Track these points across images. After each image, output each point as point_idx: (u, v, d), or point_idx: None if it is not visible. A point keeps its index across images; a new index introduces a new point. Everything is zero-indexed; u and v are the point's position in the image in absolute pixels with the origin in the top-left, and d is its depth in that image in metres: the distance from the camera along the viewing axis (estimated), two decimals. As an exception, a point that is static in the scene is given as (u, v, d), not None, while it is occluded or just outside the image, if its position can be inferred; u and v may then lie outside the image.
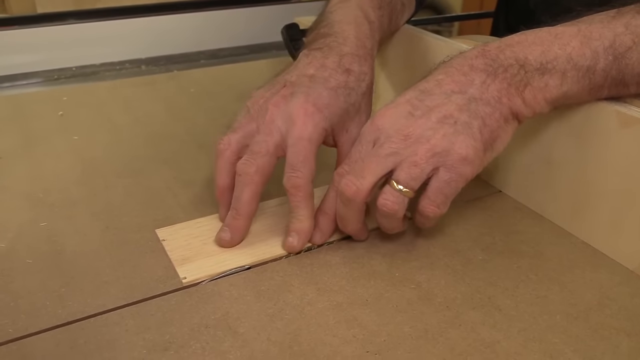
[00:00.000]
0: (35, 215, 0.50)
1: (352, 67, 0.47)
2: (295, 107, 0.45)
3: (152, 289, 0.42)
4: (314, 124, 0.44)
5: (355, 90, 0.47)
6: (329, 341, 0.38)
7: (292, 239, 0.45)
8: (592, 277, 0.44)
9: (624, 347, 0.38)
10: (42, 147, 0.62)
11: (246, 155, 0.45)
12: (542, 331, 0.39)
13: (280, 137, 0.45)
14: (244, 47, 1.01)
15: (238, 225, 0.46)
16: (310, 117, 0.44)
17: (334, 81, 0.46)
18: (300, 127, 0.44)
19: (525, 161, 0.52)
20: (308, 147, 0.44)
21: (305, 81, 0.46)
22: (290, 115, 0.45)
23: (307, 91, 0.45)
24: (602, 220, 0.46)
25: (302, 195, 0.44)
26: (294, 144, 0.44)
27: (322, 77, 0.46)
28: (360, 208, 0.43)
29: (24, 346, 0.37)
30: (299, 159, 0.44)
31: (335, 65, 0.47)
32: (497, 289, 0.42)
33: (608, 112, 0.43)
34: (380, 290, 0.42)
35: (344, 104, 0.46)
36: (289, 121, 0.45)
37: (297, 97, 0.45)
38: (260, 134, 0.45)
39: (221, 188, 0.47)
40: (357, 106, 0.47)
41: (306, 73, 0.47)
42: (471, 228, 0.50)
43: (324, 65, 0.47)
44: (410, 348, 0.37)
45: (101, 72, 0.90)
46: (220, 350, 0.37)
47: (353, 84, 0.47)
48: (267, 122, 0.45)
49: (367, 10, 0.52)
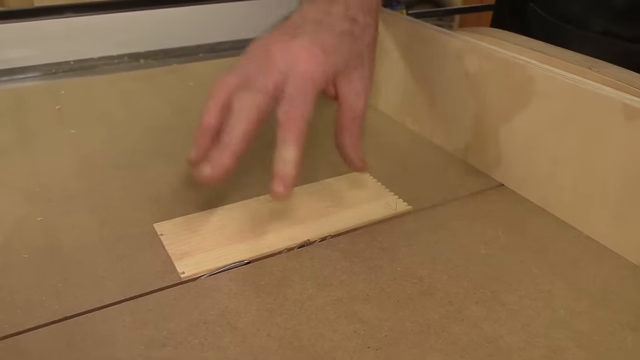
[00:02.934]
0: (32, 209, 0.50)
1: (358, 18, 0.46)
2: (300, 48, 0.42)
3: (150, 284, 0.41)
4: (317, 64, 0.42)
5: (360, 39, 0.45)
6: (330, 336, 0.37)
7: (277, 186, 0.40)
8: (597, 272, 0.43)
9: (629, 342, 0.37)
10: (40, 141, 0.62)
11: (242, 92, 0.42)
12: (546, 326, 0.38)
13: (281, 76, 0.42)
14: (243, 41, 1.00)
15: (223, 162, 0.40)
16: (315, 58, 0.42)
17: (339, 28, 0.44)
18: (304, 64, 0.41)
19: (528, 154, 0.51)
20: (310, 84, 0.41)
21: (310, 24, 0.44)
22: (293, 54, 0.42)
23: (312, 34, 0.43)
24: (606, 214, 0.45)
25: (295, 131, 0.40)
26: (296, 79, 0.41)
27: (328, 22, 0.44)
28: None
29: (20, 342, 0.36)
30: (300, 92, 0.41)
31: (341, 13, 0.45)
32: (500, 284, 0.42)
33: (614, 104, 0.43)
34: (382, 284, 0.42)
35: (348, 52, 0.44)
36: (291, 60, 0.42)
37: (302, 39, 0.43)
38: (259, 74, 0.42)
39: (205, 125, 0.43)
40: (361, 57, 0.46)
41: (311, 17, 0.45)
42: (473, 222, 0.49)
43: (329, 12, 0.45)
44: (412, 343, 0.37)
45: (99, 66, 0.89)
46: (219, 346, 0.36)
47: (358, 34, 0.45)
48: (267, 61, 0.42)
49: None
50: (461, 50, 0.56)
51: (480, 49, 0.54)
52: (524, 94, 0.50)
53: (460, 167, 0.58)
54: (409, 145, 0.62)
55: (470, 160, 0.58)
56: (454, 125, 0.59)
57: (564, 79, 0.46)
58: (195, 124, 0.66)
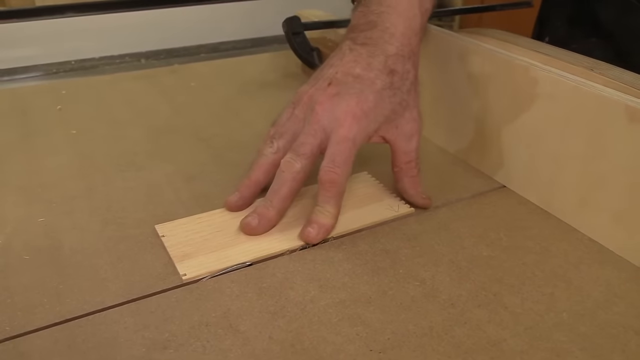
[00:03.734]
0: (33, 210, 0.50)
1: (397, 68, 0.47)
2: (343, 110, 0.45)
3: (151, 286, 0.41)
4: (359, 127, 0.45)
5: (400, 89, 0.48)
6: (332, 339, 0.37)
7: (312, 229, 0.45)
8: (599, 274, 0.43)
9: (632, 344, 0.37)
10: (41, 142, 0.62)
11: (291, 153, 0.46)
12: (549, 329, 0.38)
13: (325, 137, 0.46)
14: (245, 41, 1.00)
15: (269, 216, 0.46)
16: (357, 121, 0.45)
17: (380, 83, 0.47)
18: (347, 128, 0.45)
19: (531, 156, 0.51)
20: (351, 148, 0.45)
21: (351, 81, 0.47)
22: (337, 117, 0.45)
23: (355, 93, 0.46)
24: (609, 216, 0.45)
25: (335, 192, 0.45)
26: (338, 143, 0.45)
27: (368, 78, 0.47)
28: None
29: (21, 344, 0.36)
30: (341, 157, 0.45)
31: (381, 66, 0.47)
32: (502, 286, 0.42)
33: (617, 106, 0.43)
34: (384, 287, 0.41)
35: (389, 104, 0.47)
36: (335, 122, 0.45)
37: (345, 100, 0.46)
38: (305, 134, 0.46)
39: (253, 180, 0.48)
40: (404, 104, 0.48)
41: (352, 72, 0.47)
42: (476, 224, 0.49)
43: (370, 65, 0.47)
44: (415, 346, 0.36)
45: (101, 66, 0.89)
46: (221, 348, 0.36)
47: (398, 84, 0.47)
48: (312, 122, 0.46)
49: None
50: (463, 51, 0.56)
51: (483, 50, 0.54)
52: (526, 95, 0.50)
53: (462, 168, 0.58)
54: (411, 146, 0.62)
55: (472, 161, 0.58)
56: (456, 127, 0.59)
57: (566, 81, 0.46)
58: (197, 124, 0.66)
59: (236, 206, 0.48)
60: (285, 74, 0.83)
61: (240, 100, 0.73)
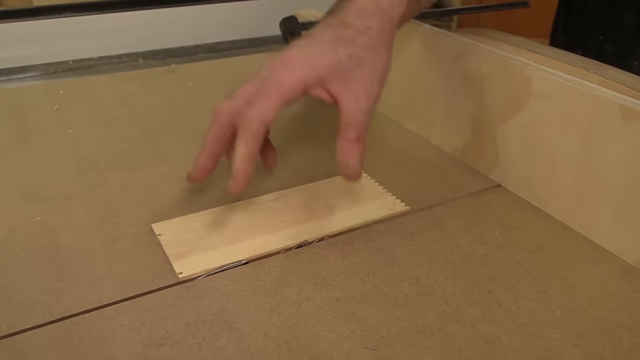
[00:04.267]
0: (30, 209, 0.50)
1: (354, 22, 0.46)
2: (281, 58, 0.44)
3: (147, 284, 0.41)
4: (289, 70, 0.43)
5: (354, 43, 0.45)
6: (327, 337, 0.37)
7: (230, 184, 0.43)
8: (593, 272, 0.43)
9: (625, 342, 0.37)
10: (38, 141, 0.62)
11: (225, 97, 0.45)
12: (543, 326, 0.38)
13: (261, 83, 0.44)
14: (242, 41, 1.00)
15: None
16: (288, 65, 0.44)
17: (327, 35, 0.45)
18: (276, 72, 0.43)
19: (526, 155, 0.51)
20: (274, 90, 0.43)
21: (302, 39, 0.46)
22: (273, 64, 0.44)
23: (298, 44, 0.45)
24: (603, 215, 0.45)
25: (244, 130, 0.42)
26: (262, 85, 0.43)
27: (319, 32, 0.46)
28: None
29: (18, 342, 0.36)
30: (261, 97, 0.43)
31: (336, 22, 0.46)
32: (497, 284, 0.42)
33: (612, 105, 0.43)
34: (379, 285, 0.42)
35: (333, 55, 0.44)
36: (270, 69, 0.44)
37: (287, 50, 0.45)
38: (243, 82, 0.45)
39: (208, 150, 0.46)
40: (356, 60, 0.45)
41: (309, 32, 0.47)
42: (471, 222, 0.49)
43: (327, 23, 0.46)
44: (409, 343, 0.37)
45: (98, 66, 0.89)
46: (217, 346, 0.36)
47: (350, 37, 0.45)
48: (255, 73, 0.45)
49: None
50: (460, 51, 0.56)
51: (479, 50, 0.54)
52: (522, 95, 0.50)
53: (458, 167, 0.58)
54: (407, 145, 0.62)
55: (468, 160, 0.58)
56: (452, 126, 0.60)
57: (562, 80, 0.46)
58: (194, 124, 0.66)
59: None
60: (283, 74, 0.83)
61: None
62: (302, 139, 0.63)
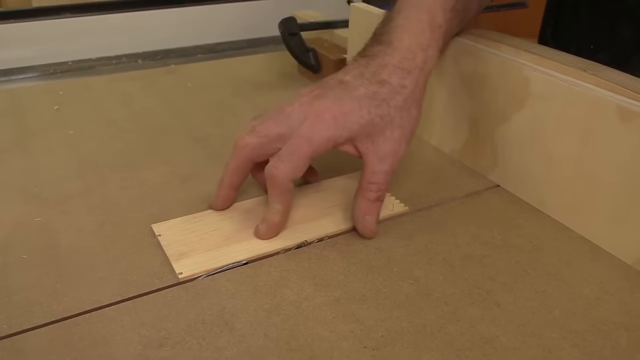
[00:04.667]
0: (30, 210, 0.50)
1: (390, 79, 0.45)
2: (314, 109, 0.44)
3: (148, 284, 0.41)
4: (321, 128, 0.44)
5: (387, 102, 0.45)
6: (327, 337, 0.37)
7: (262, 226, 0.46)
8: (591, 272, 0.44)
9: (623, 341, 0.37)
10: (38, 142, 0.62)
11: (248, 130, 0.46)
12: (541, 326, 0.38)
13: (288, 131, 0.45)
14: (241, 41, 1.00)
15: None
16: (322, 122, 0.44)
17: (363, 90, 0.45)
18: (307, 127, 0.44)
19: (524, 155, 0.51)
20: (303, 146, 0.43)
21: (336, 85, 0.46)
22: (306, 115, 0.44)
23: (332, 96, 0.45)
24: (601, 215, 0.46)
25: (276, 189, 0.44)
26: (293, 139, 0.44)
27: (353, 85, 0.45)
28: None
29: (18, 342, 0.36)
30: (288, 152, 0.43)
31: (371, 75, 0.46)
32: (495, 284, 0.42)
33: (609, 106, 0.43)
34: (378, 285, 0.42)
35: (367, 114, 0.44)
36: (302, 120, 0.44)
37: (320, 101, 0.45)
38: (269, 118, 0.46)
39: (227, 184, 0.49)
40: (388, 119, 0.45)
41: (342, 79, 0.46)
42: (469, 223, 0.49)
43: (362, 74, 0.46)
44: (409, 343, 0.37)
45: (98, 66, 0.89)
46: (217, 346, 0.36)
47: (385, 96, 0.45)
48: (282, 113, 0.46)
49: (436, 13, 0.48)
50: (458, 52, 0.56)
51: (477, 51, 0.54)
52: (520, 96, 0.50)
53: (456, 168, 0.58)
54: (406, 146, 0.62)
55: (466, 161, 0.58)
56: (450, 126, 0.60)
57: (559, 81, 0.47)
58: (194, 124, 0.66)
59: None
60: (281, 75, 0.83)
61: (237, 100, 0.74)
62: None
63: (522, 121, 0.51)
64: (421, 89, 0.47)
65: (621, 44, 0.74)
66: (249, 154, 0.46)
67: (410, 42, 0.47)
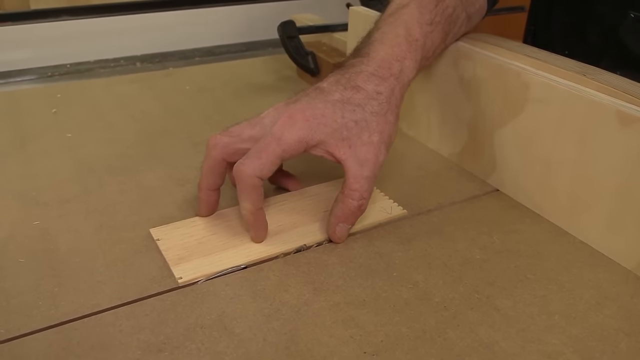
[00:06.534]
0: (28, 213, 0.50)
1: (365, 86, 0.46)
2: (287, 111, 0.44)
3: (146, 288, 0.41)
4: (293, 128, 0.43)
5: (362, 107, 0.45)
6: (326, 341, 0.37)
7: (251, 234, 0.46)
8: (591, 277, 0.44)
9: (623, 347, 0.37)
10: (35, 145, 0.62)
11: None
12: (541, 331, 0.38)
13: (260, 132, 0.45)
14: (240, 44, 1.00)
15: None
16: (292, 123, 0.44)
17: (337, 95, 0.45)
18: (278, 127, 0.43)
19: (523, 160, 0.51)
20: (272, 145, 0.43)
21: (312, 92, 0.46)
22: (279, 117, 0.44)
23: (306, 100, 0.45)
24: (600, 220, 0.46)
25: (242, 185, 0.43)
26: (262, 139, 0.44)
27: (328, 90, 0.46)
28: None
29: (16, 347, 0.36)
30: (257, 150, 0.43)
31: (346, 81, 0.46)
32: (495, 289, 0.42)
33: (608, 110, 0.43)
34: (378, 290, 0.42)
35: (341, 118, 0.44)
36: (274, 122, 0.44)
37: (295, 104, 0.45)
38: (244, 122, 0.46)
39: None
40: (363, 124, 0.45)
41: (318, 86, 0.47)
42: (469, 227, 0.49)
43: (338, 80, 0.47)
44: (408, 349, 0.37)
45: (95, 69, 0.89)
46: (216, 351, 0.36)
47: (360, 101, 0.45)
48: (257, 117, 0.46)
49: (412, 27, 0.49)
50: (456, 56, 0.56)
51: (475, 55, 0.54)
52: (518, 100, 0.50)
53: (455, 172, 0.58)
54: (405, 149, 0.63)
55: (465, 165, 0.58)
56: (449, 130, 0.60)
57: (558, 85, 0.47)
58: (192, 127, 0.66)
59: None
60: (280, 78, 0.83)
61: (235, 103, 0.73)
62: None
63: (521, 125, 0.51)
64: (397, 97, 0.47)
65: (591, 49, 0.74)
66: (220, 153, 0.46)
67: (386, 53, 0.48)
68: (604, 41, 0.73)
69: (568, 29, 0.79)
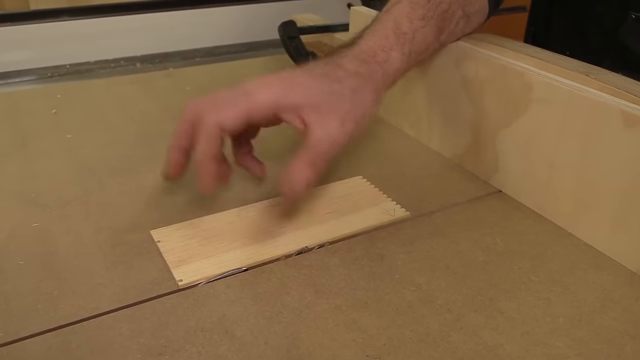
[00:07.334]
0: (28, 215, 0.49)
1: (346, 65, 0.47)
2: (265, 76, 0.44)
3: (147, 291, 0.41)
4: (267, 88, 0.43)
5: (340, 82, 0.45)
6: (328, 345, 0.37)
7: (198, 183, 0.44)
8: (595, 279, 0.43)
9: (628, 349, 0.37)
10: (35, 146, 0.61)
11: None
12: (545, 334, 0.38)
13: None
14: (240, 45, 1.00)
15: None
16: (268, 82, 0.44)
17: (318, 70, 0.46)
18: (252, 84, 0.43)
19: (526, 161, 0.51)
20: (242, 99, 0.43)
21: (295, 68, 0.46)
22: (259, 81, 0.44)
23: (285, 71, 0.45)
24: (604, 221, 0.45)
25: (200, 130, 0.42)
26: (233, 92, 0.43)
27: (310, 67, 0.46)
28: None
29: (15, 351, 0.36)
30: (225, 100, 0.43)
31: (329, 61, 0.47)
32: (498, 291, 0.42)
33: (613, 111, 0.43)
34: (380, 292, 0.41)
35: (317, 88, 0.44)
36: (253, 85, 0.44)
37: (274, 73, 0.45)
38: (225, 89, 0.45)
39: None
40: (339, 95, 0.45)
41: (304, 65, 0.47)
42: (471, 229, 0.49)
43: (321, 61, 0.48)
44: (411, 352, 0.36)
45: (95, 70, 0.89)
46: (217, 354, 0.36)
47: (338, 77, 0.45)
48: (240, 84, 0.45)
49: (401, 21, 0.50)
50: (459, 56, 0.56)
51: (478, 55, 0.54)
52: (521, 100, 0.50)
53: (458, 173, 0.58)
54: (407, 150, 0.62)
55: (468, 166, 0.58)
56: (451, 131, 0.59)
57: (562, 86, 0.46)
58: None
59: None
60: (281, 78, 0.83)
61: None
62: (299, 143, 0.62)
63: (524, 126, 0.50)
64: (378, 81, 0.47)
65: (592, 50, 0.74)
66: (193, 115, 0.44)
67: (373, 43, 0.49)
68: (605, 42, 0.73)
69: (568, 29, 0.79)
